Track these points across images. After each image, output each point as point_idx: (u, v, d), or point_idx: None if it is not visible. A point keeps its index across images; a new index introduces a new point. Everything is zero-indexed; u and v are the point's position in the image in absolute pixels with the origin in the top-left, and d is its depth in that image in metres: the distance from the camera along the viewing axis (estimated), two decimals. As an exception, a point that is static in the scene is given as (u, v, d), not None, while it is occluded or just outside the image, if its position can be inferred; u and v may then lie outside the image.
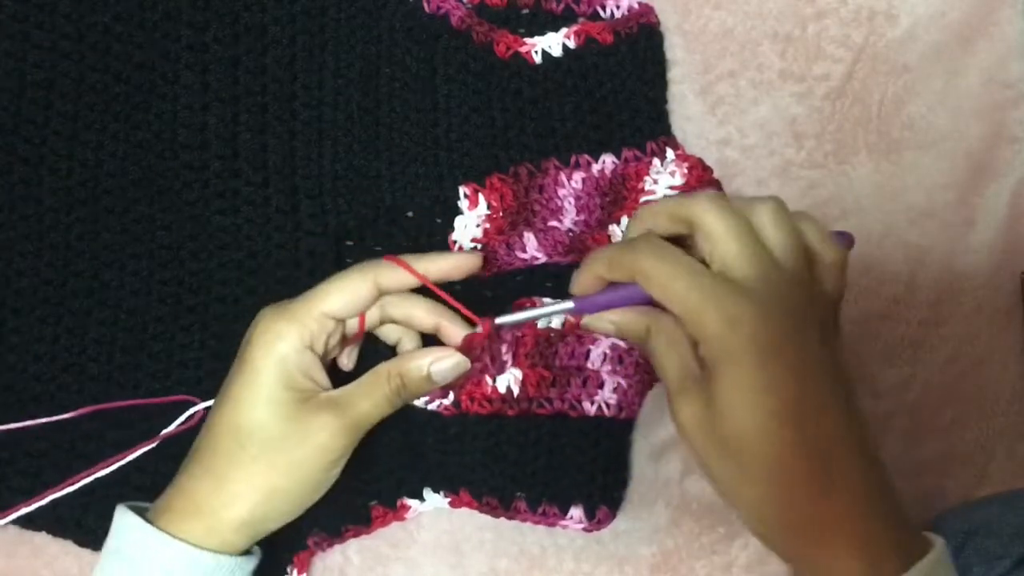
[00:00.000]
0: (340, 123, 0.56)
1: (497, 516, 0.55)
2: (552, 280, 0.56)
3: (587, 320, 0.47)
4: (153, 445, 0.54)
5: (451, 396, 0.54)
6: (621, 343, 0.55)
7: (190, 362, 0.55)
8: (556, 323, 0.55)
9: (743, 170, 0.60)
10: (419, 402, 0.54)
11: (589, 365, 0.55)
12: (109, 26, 0.55)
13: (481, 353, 0.49)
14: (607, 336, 0.48)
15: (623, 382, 0.55)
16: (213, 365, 0.54)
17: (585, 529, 0.55)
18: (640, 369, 0.55)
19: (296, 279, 0.55)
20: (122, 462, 0.53)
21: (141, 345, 0.54)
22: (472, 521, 0.58)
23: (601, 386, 0.55)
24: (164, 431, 0.54)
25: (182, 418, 0.54)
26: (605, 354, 0.55)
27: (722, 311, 0.40)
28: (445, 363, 0.48)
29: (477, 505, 0.55)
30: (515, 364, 0.54)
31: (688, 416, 0.42)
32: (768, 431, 0.40)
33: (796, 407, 0.41)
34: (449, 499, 0.55)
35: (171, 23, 0.55)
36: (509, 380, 0.54)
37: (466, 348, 0.48)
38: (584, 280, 0.46)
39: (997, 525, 0.49)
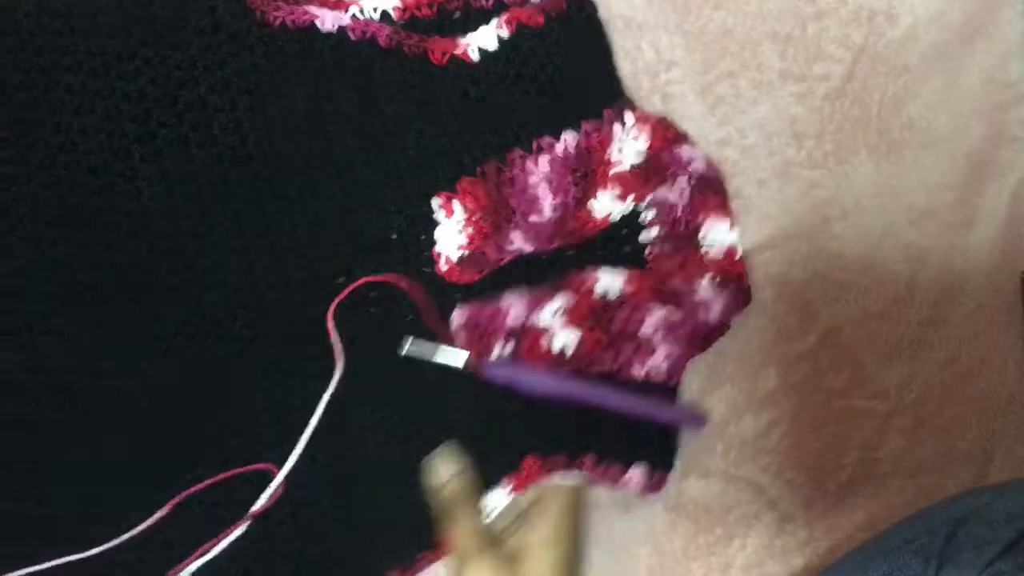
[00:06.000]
0: (300, 170, 0.55)
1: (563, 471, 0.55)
2: (548, 268, 0.57)
3: None
4: (246, 526, 0.54)
5: (508, 348, 0.55)
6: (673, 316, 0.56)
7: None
8: (613, 291, 0.56)
9: (743, 170, 0.60)
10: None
11: (643, 332, 0.55)
12: (48, 139, 0.53)
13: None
14: None
15: (674, 350, 0.55)
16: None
17: (642, 491, 0.56)
18: (688, 341, 0.56)
19: (296, 331, 0.55)
20: (221, 546, 0.54)
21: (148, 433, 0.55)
22: (472, 521, 0.58)
23: (653, 353, 0.55)
24: (253, 508, 0.54)
25: (267, 493, 0.54)
26: (659, 323, 0.55)
27: None
28: None
29: (541, 466, 0.54)
30: (572, 325, 0.54)
31: None
32: None
33: None
34: (512, 484, 0.55)
35: (113, 121, 0.54)
36: (565, 342, 0.54)
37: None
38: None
39: (987, 512, 0.49)
